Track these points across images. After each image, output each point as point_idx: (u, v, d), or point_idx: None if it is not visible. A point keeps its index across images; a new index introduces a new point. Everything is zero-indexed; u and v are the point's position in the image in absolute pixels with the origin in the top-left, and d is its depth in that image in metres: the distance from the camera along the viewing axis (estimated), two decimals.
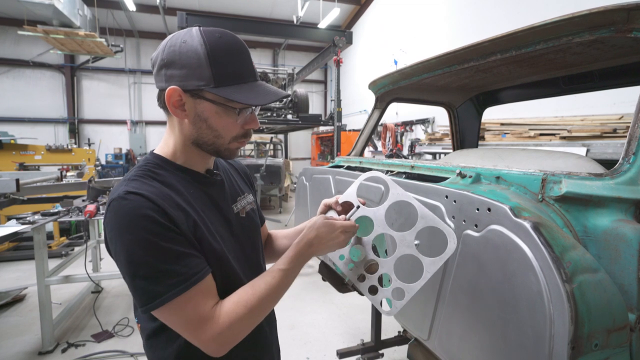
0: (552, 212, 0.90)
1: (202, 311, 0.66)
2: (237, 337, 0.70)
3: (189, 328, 0.66)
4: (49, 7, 5.60)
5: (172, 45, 0.69)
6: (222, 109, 0.71)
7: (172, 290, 0.64)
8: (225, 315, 0.68)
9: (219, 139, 0.74)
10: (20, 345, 2.67)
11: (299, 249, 0.78)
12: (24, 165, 5.16)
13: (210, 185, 0.81)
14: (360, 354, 2.08)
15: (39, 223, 2.51)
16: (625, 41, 1.10)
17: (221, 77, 0.69)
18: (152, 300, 0.64)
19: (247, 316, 0.69)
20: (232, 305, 0.69)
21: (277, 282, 0.74)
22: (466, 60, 1.43)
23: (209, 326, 0.66)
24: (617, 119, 3.77)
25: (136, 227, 0.64)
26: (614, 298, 0.73)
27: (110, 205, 0.67)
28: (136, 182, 0.70)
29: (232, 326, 0.67)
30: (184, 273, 0.65)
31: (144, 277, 0.64)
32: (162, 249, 0.64)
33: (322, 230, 0.79)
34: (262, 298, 0.71)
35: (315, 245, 0.78)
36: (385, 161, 1.70)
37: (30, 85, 11.27)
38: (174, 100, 0.70)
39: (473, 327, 0.92)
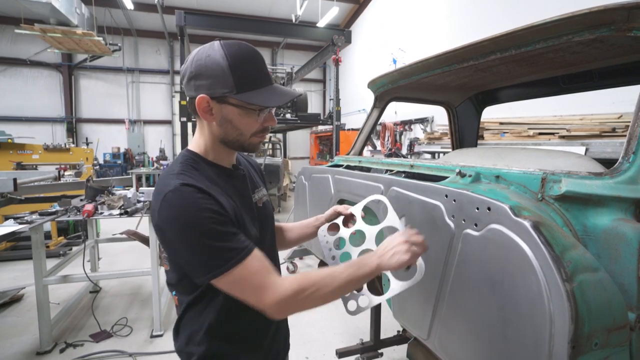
0: (552, 211, 0.90)
1: (266, 278, 0.77)
2: (297, 307, 0.78)
3: (252, 293, 0.76)
4: (46, 5, 5.56)
5: (199, 60, 0.81)
6: (244, 111, 0.83)
7: (229, 262, 0.74)
8: (288, 284, 0.77)
9: (242, 136, 0.86)
10: (18, 346, 2.66)
11: (366, 256, 0.86)
12: (22, 164, 5.13)
13: (235, 178, 0.93)
14: (359, 353, 2.08)
15: (36, 223, 2.50)
16: (625, 40, 1.10)
17: (242, 84, 0.80)
18: (213, 270, 0.74)
19: (309, 291, 0.77)
20: (297, 277, 0.79)
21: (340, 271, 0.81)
22: (465, 59, 1.43)
23: (272, 291, 0.76)
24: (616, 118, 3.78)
25: (193, 214, 0.74)
26: (614, 297, 0.73)
27: (165, 197, 0.76)
28: (184, 175, 0.80)
29: (295, 295, 0.76)
30: (237, 247, 0.76)
31: (203, 255, 0.74)
32: (217, 231, 0.75)
33: (385, 241, 0.87)
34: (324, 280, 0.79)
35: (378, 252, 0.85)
36: (384, 160, 1.69)
37: (28, 84, 11.22)
38: (203, 106, 0.82)
39: (473, 326, 0.91)
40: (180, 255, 0.78)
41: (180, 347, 0.91)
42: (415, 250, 0.84)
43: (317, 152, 11.28)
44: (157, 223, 0.78)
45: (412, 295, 1.18)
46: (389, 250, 0.83)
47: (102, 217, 2.70)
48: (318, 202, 1.97)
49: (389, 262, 0.82)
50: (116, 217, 2.69)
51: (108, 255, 4.75)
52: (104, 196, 2.95)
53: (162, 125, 12.83)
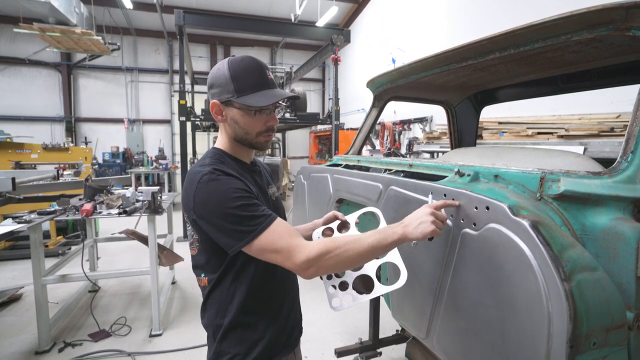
0: (551, 211, 0.90)
1: (291, 241, 0.85)
2: (323, 267, 0.85)
3: (281, 254, 0.85)
4: (45, 4, 5.54)
5: (213, 72, 0.99)
6: (244, 112, 0.97)
7: (259, 227, 0.85)
8: (317, 245, 0.84)
9: (248, 135, 1.00)
10: (17, 345, 2.66)
11: (392, 225, 0.91)
12: (20, 164, 5.11)
13: (254, 172, 1.07)
14: (358, 352, 2.08)
15: (35, 222, 2.49)
16: (624, 39, 1.10)
17: (240, 89, 0.95)
18: (246, 236, 0.85)
19: (335, 253, 0.84)
20: (323, 241, 0.87)
21: (366, 236, 0.87)
22: (464, 58, 1.43)
23: (300, 252, 0.84)
24: (615, 117, 3.78)
25: (225, 191, 0.87)
26: (613, 297, 0.73)
27: (201, 180, 0.89)
28: (215, 163, 0.95)
29: (322, 255, 0.83)
30: (263, 214, 0.87)
31: (234, 223, 0.85)
32: (246, 205, 0.87)
33: (413, 212, 0.92)
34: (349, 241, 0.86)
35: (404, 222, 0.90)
36: (383, 160, 1.69)
37: (27, 83, 11.18)
38: (215, 109, 0.99)
39: (471, 325, 0.91)
40: (215, 229, 0.88)
41: (208, 321, 1.01)
42: (439, 224, 0.88)
43: (317, 151, 11.27)
44: (192, 206, 0.89)
45: (410, 295, 1.18)
46: (415, 220, 0.88)
47: (101, 217, 2.70)
48: (317, 201, 1.97)
49: (414, 231, 0.87)
50: (115, 216, 2.69)
51: (107, 255, 4.75)
52: (103, 195, 2.95)
53: (161, 124, 12.81)
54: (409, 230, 0.87)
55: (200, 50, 12.67)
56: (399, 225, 0.89)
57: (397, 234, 0.87)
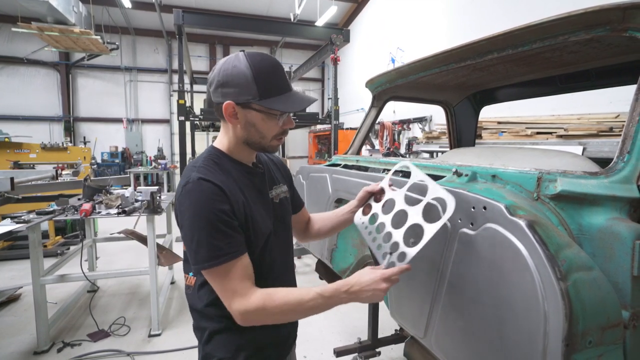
0: (548, 211, 0.90)
1: (238, 285, 0.85)
2: (259, 321, 0.87)
3: (223, 294, 0.86)
4: (43, 3, 5.53)
5: (226, 70, 0.89)
6: (266, 116, 0.92)
7: (215, 260, 0.83)
8: (255, 300, 0.84)
9: (264, 139, 0.95)
10: (16, 345, 2.65)
11: (339, 286, 0.87)
12: (19, 163, 5.11)
13: (255, 175, 1.01)
14: (357, 352, 2.09)
15: (33, 222, 2.49)
16: (621, 40, 1.11)
17: (264, 92, 0.89)
18: (200, 263, 0.85)
19: (270, 311, 0.85)
20: (264, 295, 0.85)
21: (307, 299, 0.86)
22: (463, 58, 1.43)
23: (239, 300, 0.84)
24: (614, 117, 3.79)
25: (203, 208, 0.84)
26: (608, 296, 0.74)
27: (185, 187, 0.87)
28: (204, 169, 0.90)
29: (257, 311, 0.84)
30: (226, 249, 0.84)
31: (199, 246, 0.84)
32: (217, 229, 0.84)
33: (365, 277, 0.86)
34: (288, 305, 0.85)
35: (354, 287, 0.86)
36: (381, 160, 1.70)
37: (25, 82, 11.16)
38: (230, 111, 0.91)
39: (469, 324, 0.92)
40: (184, 238, 0.88)
41: (195, 324, 1.01)
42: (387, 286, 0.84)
43: (316, 151, 11.27)
44: (176, 208, 0.89)
45: (408, 294, 1.19)
46: (367, 288, 0.84)
47: (100, 217, 2.70)
48: (316, 201, 1.97)
49: (363, 299, 0.85)
50: (114, 216, 2.68)
51: (106, 255, 4.75)
52: (102, 195, 2.95)
53: (160, 124, 12.79)
54: (359, 298, 0.85)
55: (200, 50, 12.67)
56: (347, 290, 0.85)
57: (343, 301, 0.86)
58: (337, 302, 0.87)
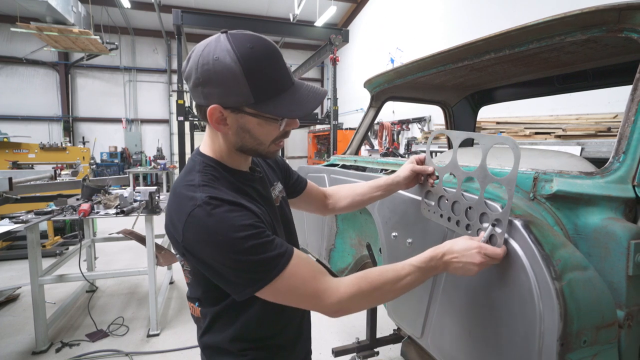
0: (544, 210, 0.90)
1: (316, 284, 0.72)
2: (355, 308, 0.75)
3: (307, 301, 0.73)
4: (42, 3, 5.53)
5: (206, 64, 0.68)
6: (263, 120, 0.74)
7: (273, 271, 0.68)
8: (348, 286, 0.73)
9: (261, 145, 0.78)
10: (14, 345, 2.65)
11: (434, 254, 0.78)
12: (17, 163, 5.11)
13: (255, 181, 0.87)
14: (355, 352, 2.09)
15: (32, 222, 2.49)
16: (617, 40, 1.11)
17: (260, 92, 0.69)
18: (256, 284, 0.68)
19: (367, 293, 0.74)
20: (357, 278, 0.74)
21: (405, 273, 0.76)
22: (460, 59, 1.44)
23: (329, 293, 0.72)
24: (612, 117, 3.80)
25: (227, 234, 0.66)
26: (603, 295, 0.74)
27: (192, 214, 0.67)
28: (208, 187, 0.72)
29: (353, 296, 0.73)
30: (277, 256, 0.69)
31: (242, 271, 0.68)
32: (255, 246, 0.67)
33: (459, 245, 0.78)
34: (386, 282, 0.75)
35: (447, 255, 0.77)
36: (379, 160, 1.70)
37: (24, 82, 11.15)
38: (216, 117, 0.72)
39: (465, 324, 0.92)
40: (216, 274, 0.70)
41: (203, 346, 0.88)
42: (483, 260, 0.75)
43: (315, 151, 11.28)
44: (183, 243, 0.69)
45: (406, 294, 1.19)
46: (458, 259, 0.76)
47: (98, 217, 2.69)
48: None
49: (455, 270, 0.78)
50: (112, 216, 2.68)
51: (105, 255, 4.74)
52: (100, 195, 2.95)
53: (160, 124, 12.79)
54: (450, 268, 0.77)
55: None
56: (441, 258, 0.77)
57: (439, 269, 0.78)
58: (432, 273, 0.78)
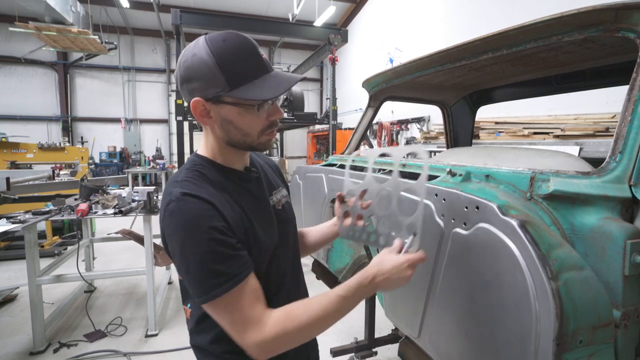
0: (540, 210, 0.90)
1: (249, 314, 0.71)
2: (280, 349, 0.73)
3: (233, 328, 0.71)
4: (41, 3, 5.52)
5: (185, 61, 0.74)
6: (242, 109, 0.76)
7: (217, 289, 0.69)
8: (272, 326, 0.71)
9: (248, 137, 0.79)
10: (12, 346, 2.65)
11: (361, 280, 0.76)
12: (16, 163, 5.10)
13: (249, 181, 0.87)
14: (353, 352, 2.09)
15: (29, 222, 2.48)
16: (614, 40, 1.11)
17: (233, 80, 0.73)
18: (202, 295, 0.70)
19: (294, 333, 0.71)
20: (282, 316, 0.72)
21: (332, 307, 0.74)
22: (458, 58, 1.43)
23: (253, 331, 0.70)
24: (610, 117, 3.81)
25: (193, 229, 0.69)
26: (599, 295, 0.74)
27: (168, 207, 0.72)
28: (188, 182, 0.75)
29: (277, 338, 0.71)
30: (228, 273, 0.70)
31: (195, 274, 0.70)
32: (213, 252, 0.69)
33: (388, 264, 0.77)
34: (313, 319, 0.72)
35: (378, 277, 0.76)
36: (377, 160, 1.70)
37: (23, 82, 11.13)
38: (200, 110, 0.76)
39: (462, 324, 0.92)
40: (179, 271, 0.74)
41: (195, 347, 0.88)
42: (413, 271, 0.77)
43: (314, 151, 11.27)
44: (162, 233, 0.76)
45: (402, 294, 1.19)
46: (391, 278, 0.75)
47: (97, 217, 2.69)
48: (312, 201, 1.97)
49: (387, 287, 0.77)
50: (110, 216, 2.68)
51: (103, 255, 4.74)
52: (99, 195, 2.94)
53: (159, 124, 12.78)
54: (383, 288, 0.76)
55: None
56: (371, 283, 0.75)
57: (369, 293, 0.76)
58: (361, 298, 0.77)
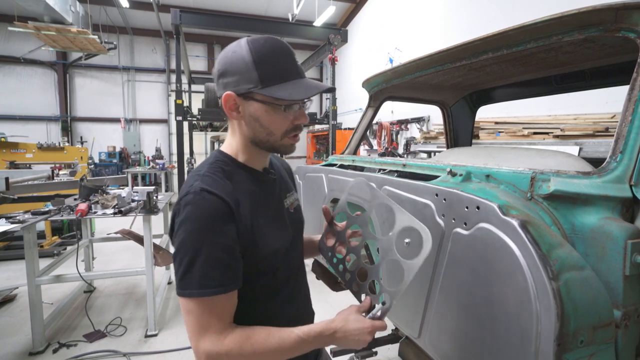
0: (541, 210, 0.90)
1: (214, 323, 0.73)
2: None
3: (194, 328, 0.73)
4: (40, 2, 5.50)
5: (225, 57, 0.80)
6: (270, 107, 0.79)
7: (200, 290, 0.71)
8: (230, 341, 0.73)
9: (272, 136, 0.82)
10: (11, 346, 2.64)
11: (324, 330, 0.79)
12: (15, 163, 5.09)
13: (266, 182, 0.89)
14: (353, 351, 2.09)
15: (28, 222, 2.48)
16: (614, 40, 1.11)
17: (266, 78, 0.77)
18: (185, 288, 0.73)
19: (247, 355, 0.73)
20: (242, 336, 0.74)
21: (288, 344, 0.76)
22: (458, 58, 1.43)
23: (211, 340, 0.72)
24: (610, 117, 3.81)
25: (202, 226, 0.73)
26: (600, 295, 0.74)
27: (185, 197, 0.75)
28: (209, 178, 0.78)
29: (229, 354, 0.72)
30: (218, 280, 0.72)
31: (187, 267, 0.72)
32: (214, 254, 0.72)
33: (352, 325, 0.79)
34: (268, 348, 0.74)
35: (339, 334, 0.79)
36: (377, 159, 1.70)
37: (22, 82, 11.10)
38: (230, 104, 0.80)
39: (462, 324, 0.92)
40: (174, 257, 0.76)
41: None
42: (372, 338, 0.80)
43: (314, 151, 11.26)
44: (172, 218, 0.79)
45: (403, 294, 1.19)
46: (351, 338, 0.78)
47: (96, 217, 2.69)
48: (312, 201, 1.97)
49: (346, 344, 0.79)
50: (110, 216, 2.68)
51: (103, 255, 4.73)
52: (98, 195, 2.93)
53: (159, 124, 12.76)
54: (342, 344, 0.79)
55: (198, 50, 12.64)
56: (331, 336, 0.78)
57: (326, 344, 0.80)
58: (318, 346, 0.80)
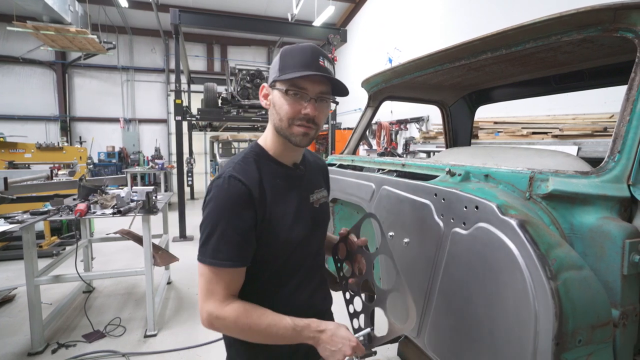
0: (540, 210, 0.90)
1: (220, 291, 0.84)
2: (221, 330, 0.86)
3: (203, 291, 0.85)
4: (38, 2, 5.48)
5: None
6: (280, 94, 0.87)
7: (212, 259, 0.83)
8: (229, 310, 0.83)
9: (282, 122, 0.88)
10: (10, 346, 2.64)
11: (314, 326, 0.86)
12: (14, 163, 5.08)
13: (293, 177, 0.96)
14: None
15: (27, 222, 2.47)
16: (613, 40, 1.11)
17: (284, 67, 0.86)
18: (202, 255, 0.85)
19: (240, 325, 0.83)
20: (241, 308, 0.84)
21: (279, 328, 0.83)
22: (457, 58, 1.43)
23: (214, 304, 0.83)
24: (608, 117, 3.81)
25: (224, 207, 0.83)
26: (598, 295, 0.74)
27: (217, 180, 0.86)
28: (240, 166, 0.87)
29: (226, 320, 0.83)
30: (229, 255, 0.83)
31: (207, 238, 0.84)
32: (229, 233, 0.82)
33: (342, 332, 0.86)
34: (259, 326, 0.83)
35: (326, 334, 0.85)
36: (376, 159, 1.70)
37: (21, 82, 11.08)
38: (263, 93, 0.93)
39: (461, 323, 0.92)
40: (200, 228, 0.86)
41: None
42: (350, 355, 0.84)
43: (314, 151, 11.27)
44: (206, 193, 0.88)
45: None
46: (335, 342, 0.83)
47: (95, 217, 2.68)
48: None
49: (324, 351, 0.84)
50: (109, 216, 2.67)
51: (102, 255, 4.72)
52: (97, 195, 2.93)
53: (158, 124, 12.74)
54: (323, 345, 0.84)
55: (197, 50, 12.63)
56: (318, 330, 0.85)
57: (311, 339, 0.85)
58: (304, 339, 0.84)
